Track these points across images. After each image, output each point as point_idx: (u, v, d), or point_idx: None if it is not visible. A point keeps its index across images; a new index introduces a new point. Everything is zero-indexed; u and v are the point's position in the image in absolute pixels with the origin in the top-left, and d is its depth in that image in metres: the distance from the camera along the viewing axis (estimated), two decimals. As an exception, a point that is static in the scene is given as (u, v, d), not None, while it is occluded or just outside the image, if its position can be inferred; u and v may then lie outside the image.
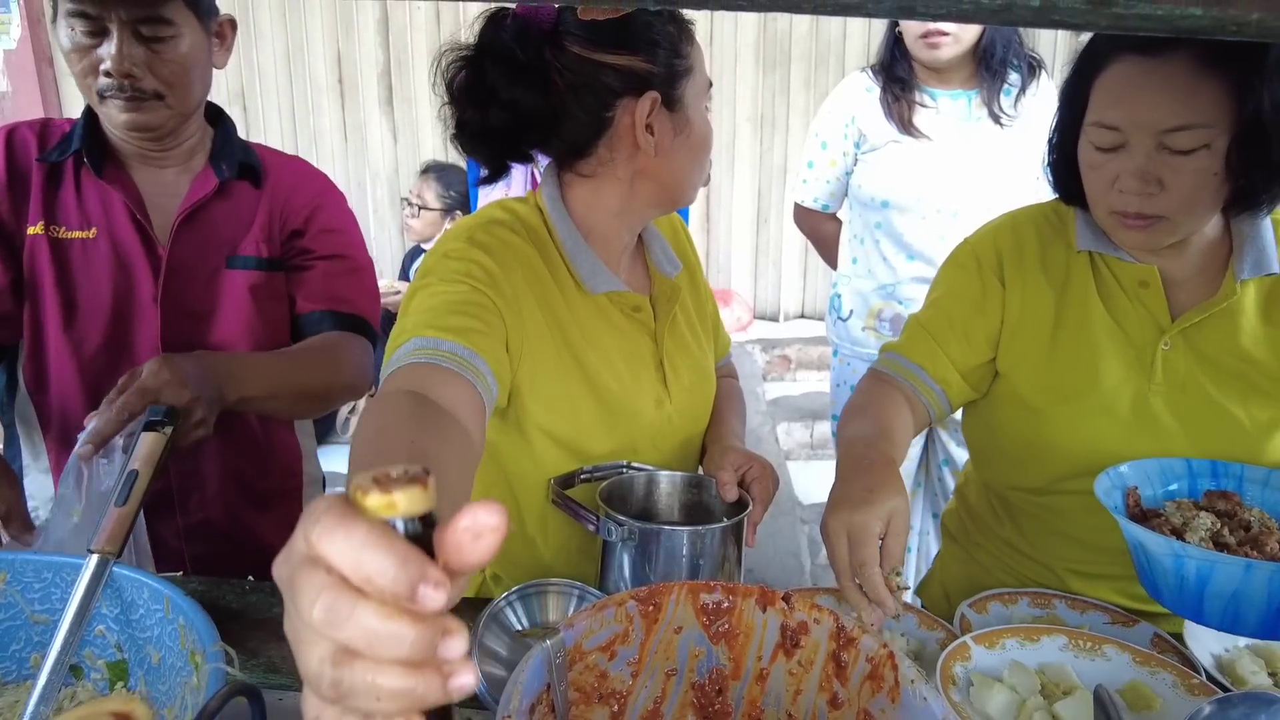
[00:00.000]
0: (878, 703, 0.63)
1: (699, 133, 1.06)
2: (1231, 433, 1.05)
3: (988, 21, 0.40)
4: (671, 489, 1.14)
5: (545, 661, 0.61)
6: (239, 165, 1.27)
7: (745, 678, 0.71)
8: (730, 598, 0.70)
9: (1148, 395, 1.06)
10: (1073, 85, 1.04)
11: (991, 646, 0.92)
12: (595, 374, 1.07)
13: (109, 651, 0.87)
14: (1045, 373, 1.10)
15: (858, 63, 4.60)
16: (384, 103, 4.64)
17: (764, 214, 4.86)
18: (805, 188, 2.20)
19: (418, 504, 0.36)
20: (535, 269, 1.04)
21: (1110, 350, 1.07)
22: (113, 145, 1.23)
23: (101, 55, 1.11)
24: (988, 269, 1.14)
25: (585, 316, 1.07)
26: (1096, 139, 0.99)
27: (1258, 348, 1.05)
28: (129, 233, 1.21)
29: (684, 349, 1.19)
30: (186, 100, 1.19)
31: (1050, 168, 1.13)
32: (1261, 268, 1.04)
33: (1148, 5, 0.42)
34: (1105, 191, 1.00)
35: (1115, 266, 1.09)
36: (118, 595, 0.86)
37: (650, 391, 1.13)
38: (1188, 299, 1.07)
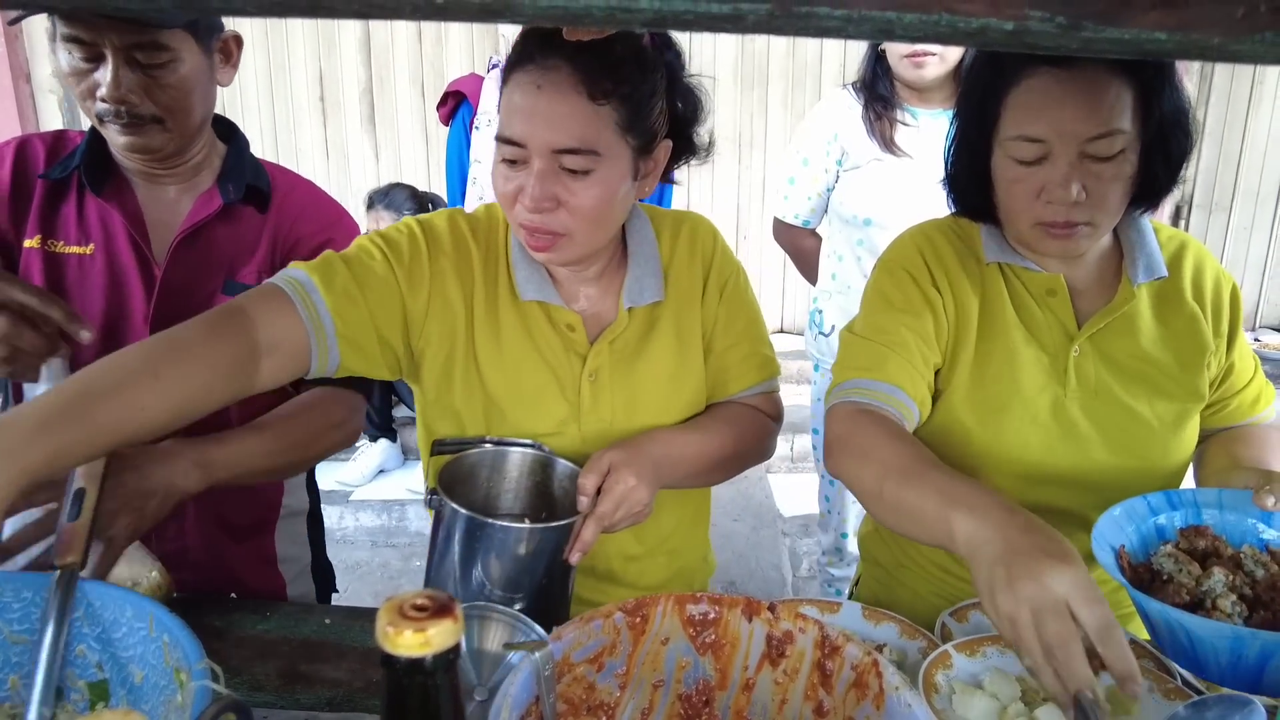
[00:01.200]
0: (863, 710, 0.64)
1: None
2: (1143, 433, 1.10)
3: (963, 44, 0.42)
4: (537, 476, 1.08)
5: (534, 673, 0.61)
6: (246, 188, 1.24)
7: (732, 688, 0.71)
8: (716, 609, 0.71)
9: (1064, 402, 1.09)
10: (979, 102, 1.04)
11: (972, 655, 0.94)
12: (486, 377, 1.10)
13: (89, 671, 0.86)
14: (975, 385, 1.11)
15: (834, 82, 4.67)
16: (366, 121, 4.65)
17: (743, 230, 4.90)
18: (786, 204, 2.22)
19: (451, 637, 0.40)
20: (470, 265, 1.10)
21: (1028, 359, 1.10)
22: (116, 162, 1.21)
23: (98, 80, 1.10)
24: (923, 280, 1.12)
25: (507, 321, 1.10)
26: (1018, 152, 1.00)
27: (1156, 348, 1.10)
28: (126, 251, 1.20)
29: (631, 379, 1.14)
30: (187, 124, 1.17)
31: (951, 185, 1.14)
32: (1152, 271, 1.10)
33: (1116, 30, 0.44)
34: (1030, 204, 1.01)
35: (1024, 276, 1.12)
36: (98, 615, 0.86)
37: (553, 411, 1.11)
38: (1089, 305, 1.11)
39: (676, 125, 1.08)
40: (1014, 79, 0.99)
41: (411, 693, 0.41)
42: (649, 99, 1.01)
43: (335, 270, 1.02)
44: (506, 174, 1.00)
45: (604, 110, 0.96)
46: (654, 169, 1.07)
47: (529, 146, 0.96)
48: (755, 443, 1.21)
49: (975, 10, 0.44)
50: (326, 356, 1.01)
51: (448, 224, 1.12)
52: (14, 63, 4.31)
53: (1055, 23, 0.44)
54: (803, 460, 4.09)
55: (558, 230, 1.00)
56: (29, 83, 4.42)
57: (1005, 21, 0.44)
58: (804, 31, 0.46)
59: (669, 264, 1.16)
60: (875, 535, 1.33)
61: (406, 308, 1.07)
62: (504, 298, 1.11)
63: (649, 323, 1.15)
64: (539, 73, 0.96)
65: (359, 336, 1.03)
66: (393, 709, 0.42)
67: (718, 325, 1.19)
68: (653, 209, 1.22)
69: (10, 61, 4.28)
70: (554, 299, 1.10)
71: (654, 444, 1.07)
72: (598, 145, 0.96)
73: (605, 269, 1.14)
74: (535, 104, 0.95)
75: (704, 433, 1.15)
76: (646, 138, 1.02)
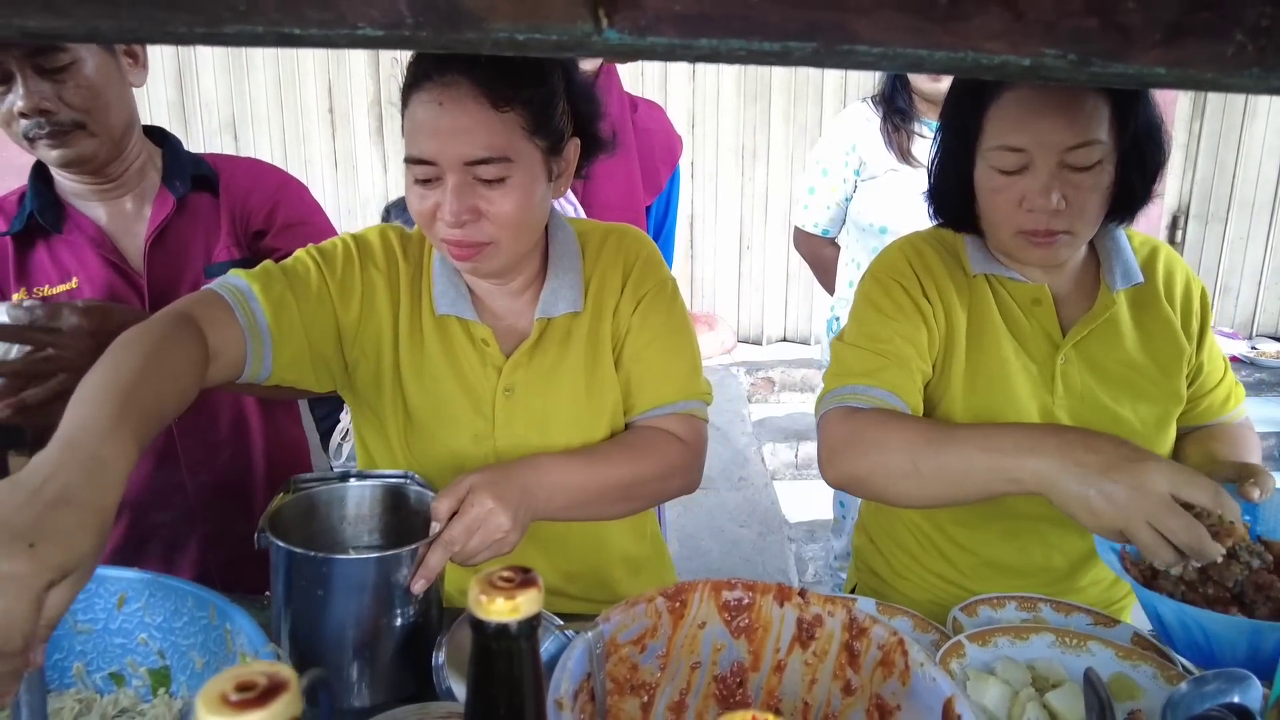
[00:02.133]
0: (889, 687, 0.69)
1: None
2: (1127, 435, 1.10)
3: (984, 76, 0.48)
4: (396, 509, 1.02)
5: (587, 651, 0.66)
6: (191, 179, 1.28)
7: (764, 669, 0.76)
8: (750, 594, 0.76)
9: (1053, 409, 1.12)
10: (961, 115, 1.08)
11: (984, 645, 0.98)
12: (408, 390, 1.12)
13: (151, 658, 0.91)
14: (969, 397, 1.13)
15: (835, 95, 4.75)
16: (374, 132, 4.71)
17: (747, 240, 4.96)
18: (806, 213, 2.29)
19: (536, 605, 0.44)
20: (398, 280, 1.12)
21: (1018, 369, 1.12)
22: (67, 194, 1.25)
23: (14, 99, 1.12)
24: (914, 290, 1.13)
25: (428, 337, 1.12)
26: (1000, 162, 1.03)
27: (1137, 353, 1.14)
28: (105, 273, 1.24)
29: (546, 393, 1.12)
30: (107, 123, 1.18)
31: (935, 197, 1.17)
32: (1130, 278, 1.13)
33: (1121, 66, 0.49)
34: (1011, 212, 1.04)
35: (1010, 287, 1.14)
36: (159, 605, 0.91)
37: (468, 424, 1.12)
38: (1071, 313, 1.15)
39: (580, 123, 1.09)
40: (996, 92, 1.02)
41: (498, 655, 0.47)
42: (551, 100, 1.01)
43: (273, 279, 1.05)
44: (421, 193, 0.99)
45: (509, 116, 0.96)
46: (567, 168, 1.08)
47: (440, 163, 0.96)
48: (659, 471, 1.12)
49: (997, 49, 0.49)
50: (260, 365, 1.03)
51: (380, 238, 1.14)
52: None
53: (1067, 59, 0.49)
54: (807, 467, 4.14)
55: (482, 240, 1.00)
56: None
57: (1023, 58, 0.49)
58: (842, 65, 0.51)
59: (591, 275, 1.14)
60: (871, 546, 1.33)
61: (339, 319, 1.10)
62: (426, 313, 1.12)
63: (565, 336, 1.13)
64: (438, 89, 0.95)
65: (293, 347, 1.05)
66: (480, 669, 0.48)
67: (629, 335, 1.15)
68: (585, 223, 1.20)
69: None
70: (467, 313, 1.10)
71: (526, 469, 1.01)
72: (508, 152, 0.97)
73: (525, 281, 1.13)
74: (439, 120, 0.95)
75: (590, 460, 1.08)
76: (554, 138, 1.03)
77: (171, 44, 0.48)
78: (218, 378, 0.99)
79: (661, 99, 4.48)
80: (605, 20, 0.44)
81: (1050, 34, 0.48)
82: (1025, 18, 0.47)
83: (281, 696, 0.36)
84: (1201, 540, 0.82)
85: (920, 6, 0.47)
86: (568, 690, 0.61)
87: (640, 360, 1.15)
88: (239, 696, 0.36)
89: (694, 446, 1.17)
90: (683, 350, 1.17)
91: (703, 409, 1.19)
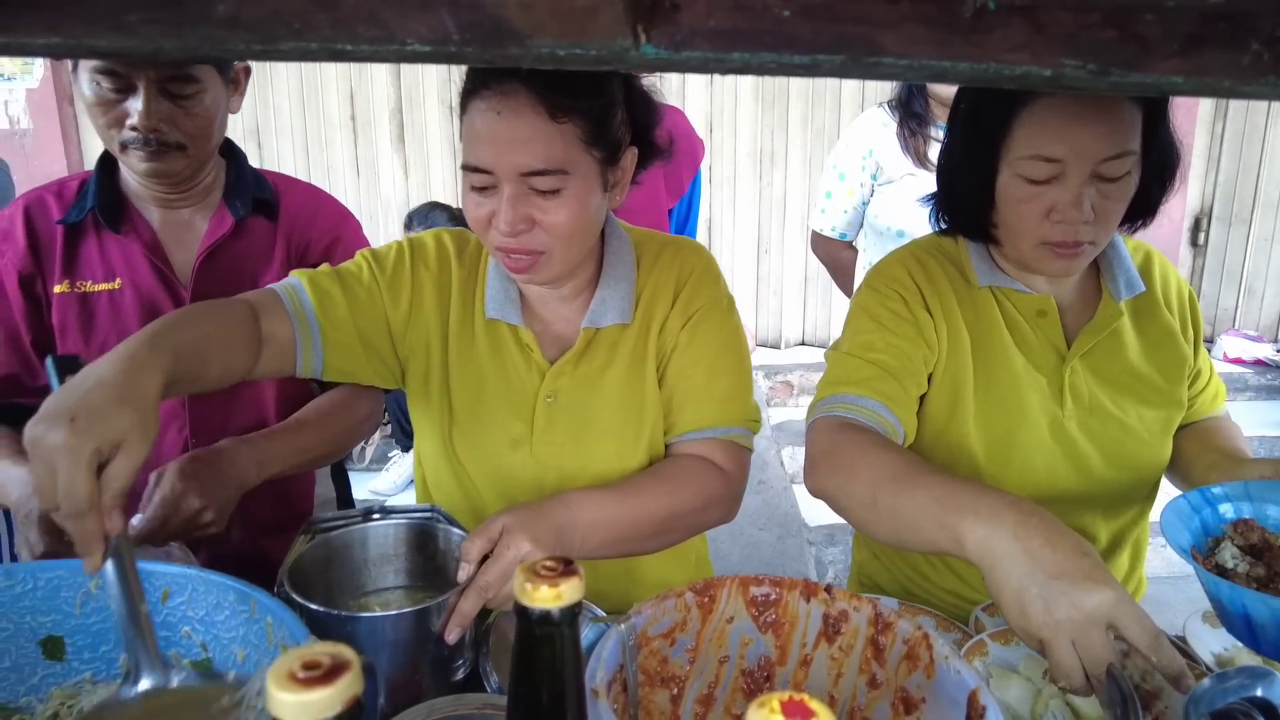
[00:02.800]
0: (914, 680, 0.71)
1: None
2: (1135, 444, 1.13)
3: (1005, 86, 0.50)
4: (410, 546, 1.00)
5: (620, 643, 0.68)
6: (253, 201, 1.30)
7: (791, 663, 0.78)
8: (777, 590, 0.78)
9: (1062, 421, 1.11)
10: (984, 120, 1.03)
11: (1007, 644, 1.00)
12: (453, 390, 1.14)
13: (194, 651, 0.93)
14: (982, 415, 1.11)
15: (853, 99, 4.75)
16: (395, 139, 4.76)
17: (764, 244, 4.97)
18: (823, 217, 2.30)
19: (578, 593, 0.47)
20: (449, 282, 1.14)
21: (1027, 382, 1.10)
22: (129, 193, 1.27)
23: (128, 110, 1.15)
24: (914, 302, 1.10)
25: (477, 337, 1.13)
26: (1031, 172, 0.98)
27: (1140, 361, 1.13)
28: (151, 280, 1.26)
29: (589, 399, 1.11)
30: (206, 149, 1.23)
31: (945, 204, 1.13)
32: (1133, 288, 1.12)
33: (1140, 75, 0.51)
34: (1037, 223, 1.00)
35: (1015, 299, 1.12)
36: (202, 599, 0.93)
37: (507, 428, 1.12)
38: (1074, 323, 1.14)
39: (638, 131, 1.07)
40: (1026, 99, 0.98)
41: (541, 641, 0.49)
42: (610, 110, 1.00)
43: (324, 278, 1.09)
44: (477, 200, 1.00)
45: (566, 127, 0.95)
46: (622, 177, 1.07)
47: (496, 173, 0.96)
48: (696, 503, 1.07)
49: (1019, 59, 0.51)
50: (311, 354, 1.07)
51: (435, 241, 1.16)
52: (58, 85, 4.46)
53: (1087, 69, 0.51)
54: (825, 471, 4.14)
55: (536, 249, 1.00)
56: (72, 105, 4.57)
57: (1044, 69, 0.51)
58: (870, 76, 0.53)
59: (643, 287, 1.12)
60: (875, 562, 1.30)
61: (389, 317, 1.12)
62: (477, 316, 1.13)
63: (611, 347, 1.11)
64: (496, 98, 0.95)
65: (343, 338, 1.08)
66: (523, 654, 0.50)
67: (675, 351, 1.11)
68: (644, 233, 1.19)
69: (55, 84, 4.43)
70: (514, 318, 1.11)
71: (560, 508, 0.97)
72: (564, 163, 0.96)
73: (577, 288, 1.13)
74: (497, 130, 0.95)
75: (625, 494, 1.04)
76: (611, 149, 1.02)
77: (230, 59, 0.51)
78: (271, 365, 1.05)
79: (680, 103, 4.50)
80: (644, 35, 0.46)
81: (1070, 45, 0.50)
82: (1046, 30, 0.49)
83: (345, 675, 0.38)
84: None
85: (944, 20, 0.49)
86: (603, 679, 0.63)
87: (685, 378, 1.11)
88: (306, 674, 0.38)
89: (734, 476, 1.12)
90: (730, 371, 1.12)
91: (747, 436, 1.14)
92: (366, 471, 3.84)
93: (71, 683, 0.93)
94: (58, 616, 0.92)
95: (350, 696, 0.38)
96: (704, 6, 0.46)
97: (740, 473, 1.13)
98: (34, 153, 4.41)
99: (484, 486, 1.15)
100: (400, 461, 3.83)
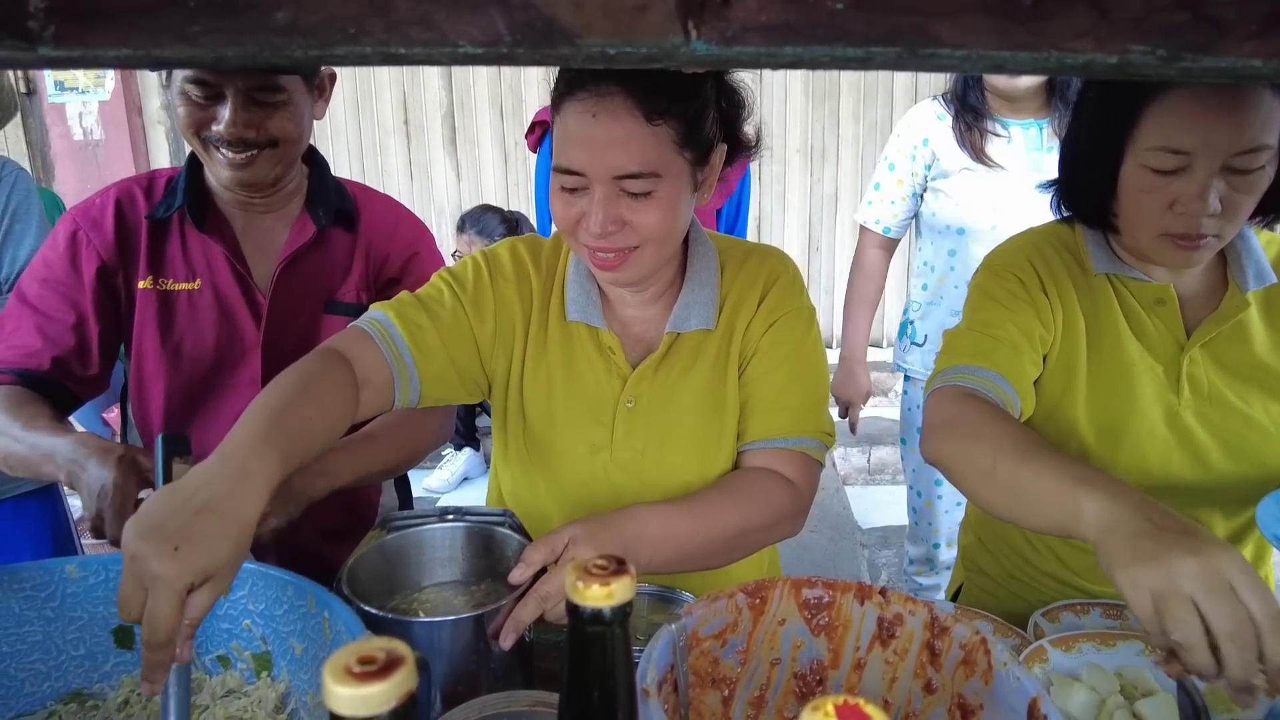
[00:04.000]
0: (971, 686, 0.69)
1: None
2: (1258, 438, 1.09)
3: (1068, 75, 0.48)
4: (474, 549, 1.01)
5: (671, 643, 0.68)
6: (335, 211, 1.31)
7: (844, 667, 0.77)
8: (830, 593, 0.77)
9: (1179, 411, 1.09)
10: (1112, 110, 1.02)
11: (1068, 650, 0.97)
12: (527, 395, 1.13)
13: (254, 644, 0.96)
14: (1093, 401, 1.11)
15: (906, 93, 4.67)
16: (448, 143, 4.84)
17: (815, 242, 4.92)
18: (869, 209, 2.25)
19: (630, 592, 0.47)
20: (529, 290, 1.14)
21: (1141, 370, 1.09)
22: (214, 195, 1.29)
23: (215, 115, 1.17)
24: (1032, 285, 1.11)
25: (555, 343, 1.13)
26: (1158, 163, 0.98)
27: (1268, 354, 1.10)
28: (230, 284, 1.28)
29: (669, 405, 1.10)
30: (291, 155, 1.25)
31: (1065, 191, 1.13)
32: (1263, 279, 1.08)
33: (1213, 59, 0.49)
34: (1159, 215, 0.99)
35: (1132, 286, 1.11)
36: (262, 593, 0.96)
37: (586, 433, 1.12)
38: (1196, 313, 1.11)
39: (728, 128, 1.06)
40: (1159, 87, 0.96)
41: (593, 639, 0.49)
42: (704, 111, 1.00)
43: (410, 309, 1.09)
44: (567, 201, 1.00)
45: (661, 130, 0.95)
46: (711, 174, 1.06)
47: (589, 174, 0.96)
48: (766, 519, 1.06)
49: (1082, 47, 0.49)
50: (409, 388, 1.06)
51: (509, 252, 1.17)
52: (129, 98, 4.64)
53: (1156, 55, 0.49)
54: (879, 472, 4.08)
55: (625, 246, 1.00)
56: (141, 116, 4.75)
57: (1110, 56, 0.49)
58: (925, 68, 0.52)
59: (728, 293, 1.12)
60: (980, 546, 1.32)
61: (476, 336, 1.12)
62: (555, 320, 1.14)
63: (694, 352, 1.11)
64: (593, 100, 0.94)
65: (436, 368, 1.08)
66: (574, 653, 0.50)
67: (755, 356, 1.11)
68: (728, 239, 1.19)
69: (125, 97, 4.61)
70: (596, 320, 1.10)
71: (628, 522, 0.96)
72: (658, 166, 0.96)
73: (658, 291, 1.13)
74: (592, 132, 0.94)
75: (694, 510, 1.02)
76: (704, 149, 1.01)
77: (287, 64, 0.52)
78: (372, 405, 1.04)
79: (729, 102, 4.46)
80: (694, 32, 0.45)
81: (1138, 29, 0.48)
82: (1112, 15, 0.47)
83: (399, 670, 0.39)
84: (1246, 647, 0.67)
85: (1003, 8, 0.48)
86: (653, 679, 0.63)
87: (761, 384, 1.11)
88: (361, 669, 0.38)
89: (803, 491, 1.10)
90: (807, 382, 1.11)
91: (819, 449, 1.11)
92: (419, 469, 3.90)
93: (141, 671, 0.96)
94: (128, 607, 0.96)
95: (404, 691, 0.39)
96: (755, 1, 0.45)
97: (810, 486, 1.11)
98: (105, 162, 4.59)
99: (561, 493, 1.15)
100: (453, 459, 3.89)
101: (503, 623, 0.86)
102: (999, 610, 1.26)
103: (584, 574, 0.48)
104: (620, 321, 1.14)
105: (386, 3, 0.50)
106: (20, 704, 0.93)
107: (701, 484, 1.10)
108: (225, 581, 0.75)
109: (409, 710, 0.39)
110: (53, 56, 0.52)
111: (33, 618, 0.93)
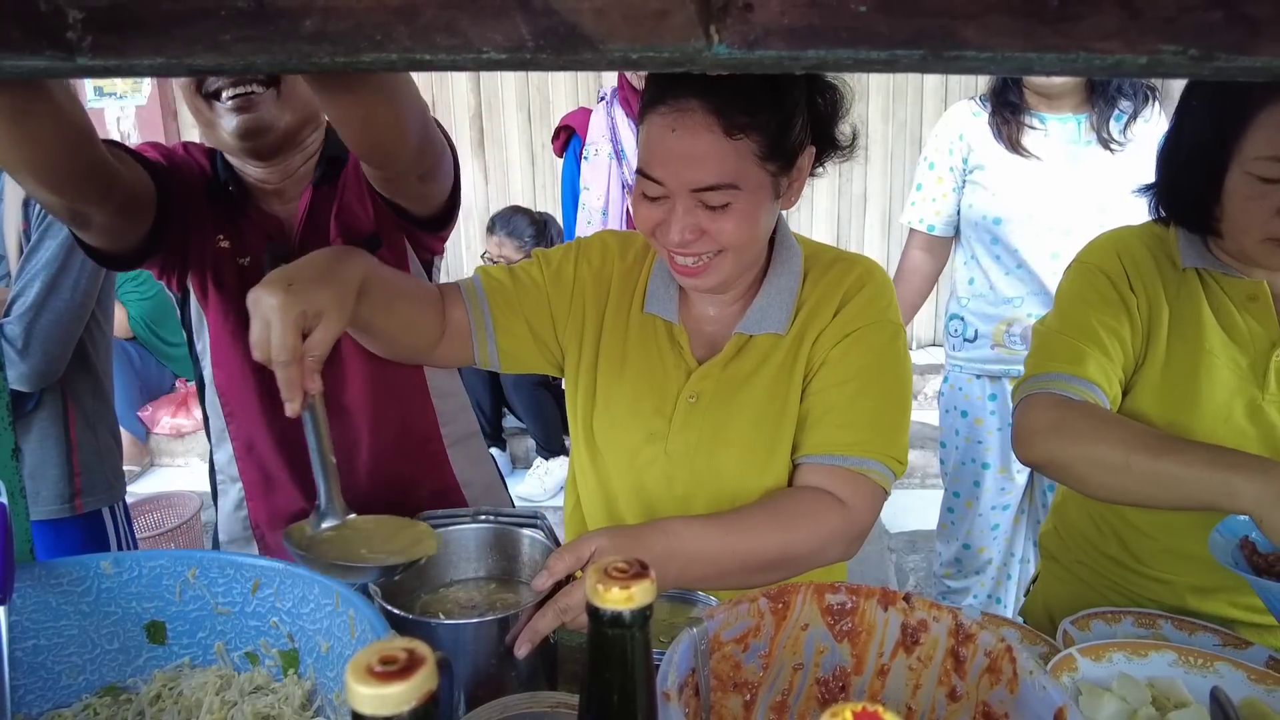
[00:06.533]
0: (996, 694, 0.68)
1: None
2: None
3: (1097, 75, 0.47)
4: (501, 551, 1.03)
5: (692, 646, 0.68)
6: (326, 162, 1.27)
7: (867, 673, 0.76)
8: (854, 598, 0.76)
9: (1262, 404, 1.10)
10: (1218, 116, 1.04)
11: (1098, 659, 0.95)
12: (600, 378, 1.18)
13: (282, 641, 0.98)
14: (1162, 383, 1.13)
15: (935, 93, 4.63)
16: (475, 145, 4.87)
17: (843, 242, 4.89)
18: (913, 209, 2.25)
19: (649, 596, 0.46)
20: (609, 278, 1.20)
21: (1224, 362, 1.11)
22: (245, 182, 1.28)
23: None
24: (1120, 283, 1.15)
25: (630, 329, 1.17)
26: (1266, 171, 1.00)
27: None
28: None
29: (729, 405, 1.10)
30: (296, 93, 1.18)
31: (1165, 195, 1.15)
32: None
33: (1248, 59, 0.48)
34: (1266, 220, 1.02)
35: (1223, 282, 1.13)
36: (289, 591, 0.97)
37: (645, 421, 1.13)
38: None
39: (818, 124, 1.04)
40: (1265, 98, 0.99)
41: (613, 642, 0.49)
42: (789, 121, 0.98)
43: (497, 271, 1.19)
44: (648, 207, 1.01)
45: (741, 144, 0.94)
46: (798, 178, 1.05)
47: (668, 186, 0.98)
48: (812, 543, 0.99)
49: (1111, 48, 0.48)
50: (486, 341, 1.15)
51: (599, 241, 1.22)
52: (164, 103, 4.73)
53: (1188, 55, 0.48)
54: (908, 476, 4.04)
55: (704, 250, 1.01)
56: (176, 119, 4.84)
57: (1139, 56, 0.48)
58: (950, 70, 0.51)
59: (805, 300, 1.10)
60: (1054, 534, 1.38)
61: (552, 304, 1.18)
62: (634, 309, 1.17)
63: (761, 356, 1.10)
64: (673, 115, 0.95)
65: (512, 325, 1.16)
66: (595, 655, 0.50)
67: (823, 367, 1.07)
68: (818, 245, 1.18)
69: (161, 102, 4.70)
70: (670, 314, 1.13)
71: (659, 535, 0.94)
72: (737, 179, 0.96)
73: (738, 293, 1.13)
74: (671, 146, 0.95)
75: (731, 527, 0.97)
76: (787, 159, 1.00)
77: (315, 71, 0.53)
78: (452, 350, 1.15)
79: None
80: (716, 36, 0.45)
81: (1169, 29, 0.47)
82: (1142, 15, 0.47)
83: (420, 670, 0.39)
84: None
85: (1030, 9, 0.47)
86: (674, 683, 0.63)
87: (825, 396, 1.06)
88: (383, 669, 0.39)
89: (858, 513, 1.02)
90: (879, 399, 1.05)
91: (884, 475, 1.03)
92: (512, 476, 3.93)
93: (173, 666, 0.98)
94: (160, 603, 0.98)
95: (425, 691, 0.39)
96: (777, 5, 0.45)
97: (867, 511, 1.03)
98: (142, 165, 4.69)
99: (617, 478, 1.19)
100: (540, 468, 3.85)
101: (519, 631, 0.86)
102: (1067, 595, 1.31)
103: (604, 576, 0.48)
104: (694, 318, 1.16)
105: (412, 10, 0.50)
106: (57, 696, 0.95)
107: (750, 490, 1.08)
108: (335, 323, 0.88)
109: (430, 710, 0.39)
110: (90, 66, 0.53)
111: (69, 612, 0.96)
